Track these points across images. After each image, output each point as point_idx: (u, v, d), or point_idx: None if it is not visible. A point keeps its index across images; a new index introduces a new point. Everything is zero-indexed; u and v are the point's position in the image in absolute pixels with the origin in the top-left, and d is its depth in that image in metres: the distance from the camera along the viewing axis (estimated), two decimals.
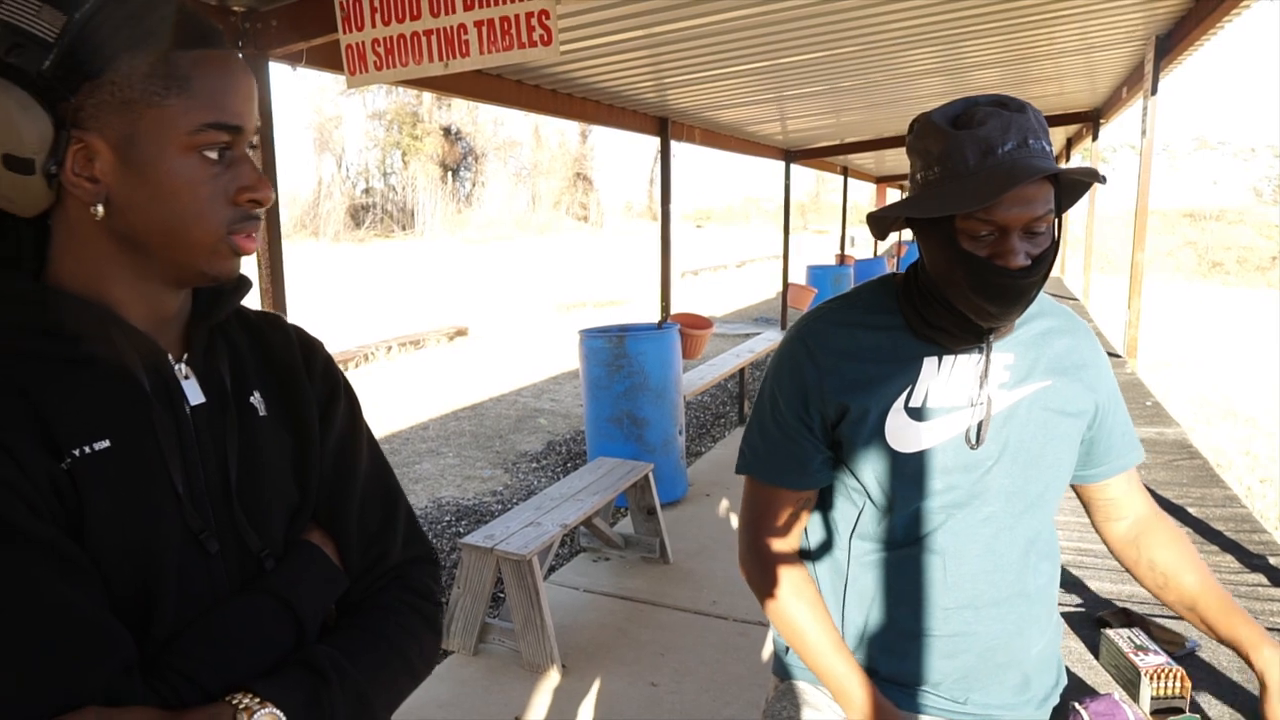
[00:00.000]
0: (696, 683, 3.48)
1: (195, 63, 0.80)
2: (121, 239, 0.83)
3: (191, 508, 0.85)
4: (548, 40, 2.46)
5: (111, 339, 0.83)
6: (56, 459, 0.77)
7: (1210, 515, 2.61)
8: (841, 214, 16.41)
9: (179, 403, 0.87)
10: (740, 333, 13.35)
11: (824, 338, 1.34)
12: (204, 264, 0.85)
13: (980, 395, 1.28)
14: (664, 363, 5.61)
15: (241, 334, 1.00)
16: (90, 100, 0.78)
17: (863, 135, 9.86)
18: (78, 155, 0.79)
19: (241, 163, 0.85)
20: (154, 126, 0.79)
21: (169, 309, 0.89)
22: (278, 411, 0.97)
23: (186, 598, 0.83)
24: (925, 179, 1.19)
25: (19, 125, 0.76)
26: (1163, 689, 1.52)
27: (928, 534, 1.31)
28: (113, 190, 0.80)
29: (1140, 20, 4.88)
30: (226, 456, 0.89)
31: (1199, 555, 1.43)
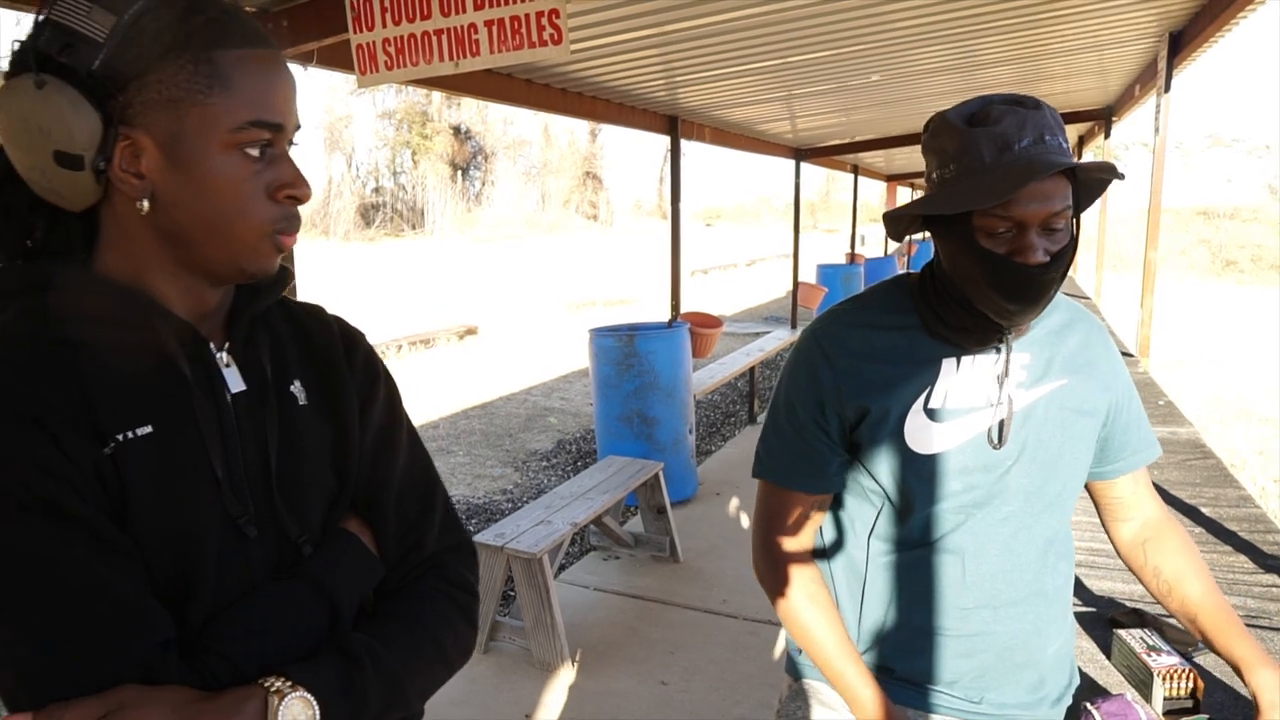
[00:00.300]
0: (706, 681, 3.48)
1: (238, 62, 0.82)
2: (165, 233, 0.85)
3: (231, 493, 0.86)
4: (558, 39, 2.46)
5: (155, 327, 0.85)
6: (100, 444, 0.79)
7: (1224, 516, 2.59)
8: (852, 213, 16.37)
9: (220, 390, 0.89)
10: (750, 331, 13.33)
11: (839, 340, 1.33)
12: (244, 260, 0.87)
13: (1000, 395, 1.27)
14: (674, 361, 5.61)
15: (283, 324, 1.01)
16: (137, 98, 0.80)
17: (873, 133, 9.84)
18: (125, 152, 0.81)
19: (282, 160, 0.87)
20: (198, 124, 0.81)
21: (210, 300, 0.91)
22: (318, 401, 0.99)
23: (224, 582, 0.85)
24: (941, 177, 1.19)
25: (70, 123, 0.78)
26: (1175, 690, 1.51)
27: (946, 534, 1.30)
28: (158, 186, 0.82)
29: (1153, 17, 4.85)
30: (266, 443, 0.91)
31: (1205, 566, 1.42)
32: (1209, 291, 20.94)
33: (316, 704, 0.81)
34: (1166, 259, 23.46)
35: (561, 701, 3.37)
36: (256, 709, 0.78)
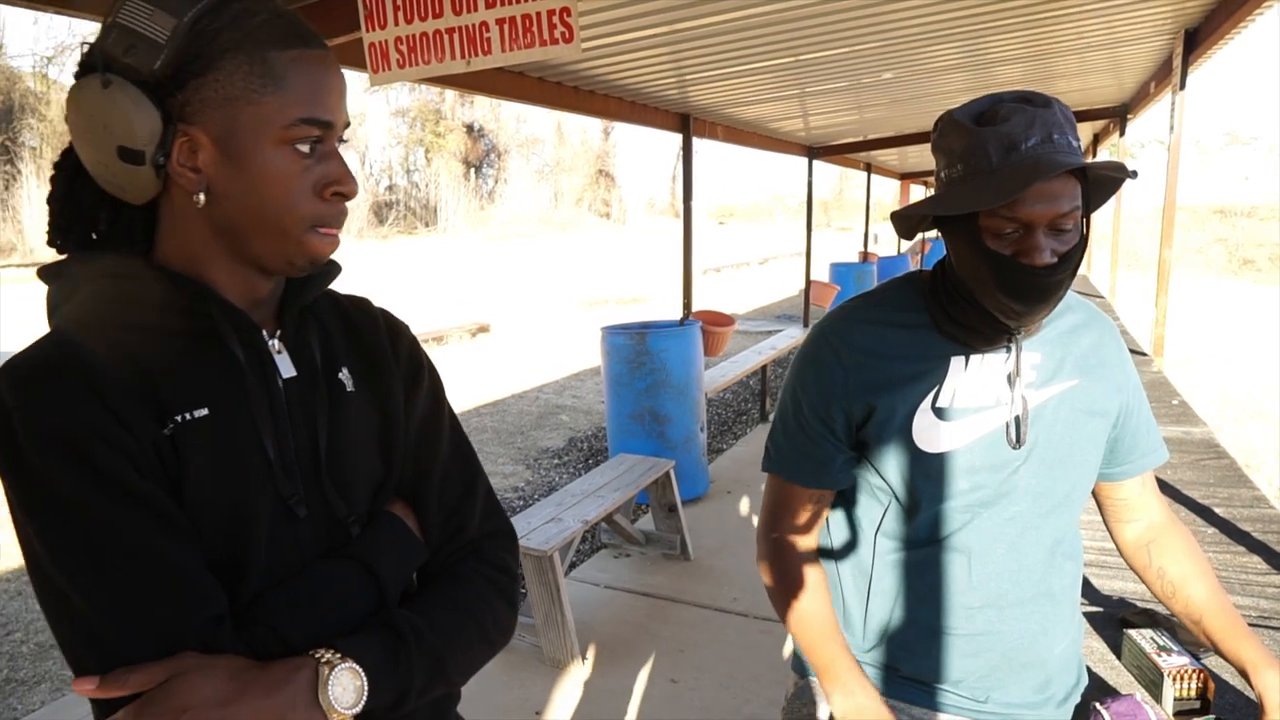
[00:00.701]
0: (716, 679, 3.49)
1: (290, 62, 0.86)
2: (219, 225, 0.89)
3: (283, 474, 0.90)
4: (569, 37, 2.46)
5: (211, 314, 0.89)
6: (160, 425, 0.84)
7: (1238, 516, 2.58)
8: (865, 211, 16.33)
9: (272, 375, 0.93)
10: (762, 330, 13.32)
11: (849, 336, 1.32)
12: (292, 252, 0.90)
13: (1012, 395, 1.26)
14: (685, 359, 5.61)
15: (331, 315, 1.05)
16: (195, 97, 0.84)
17: (886, 131, 9.81)
18: (183, 147, 0.85)
19: (331, 157, 0.90)
20: (251, 121, 0.85)
21: (262, 290, 0.95)
22: (364, 388, 1.02)
23: (275, 559, 0.89)
24: (949, 177, 1.18)
25: (132, 120, 0.83)
26: (1185, 690, 1.51)
27: (953, 533, 1.30)
28: (213, 180, 0.86)
29: (1169, 14, 4.82)
30: (316, 427, 0.95)
31: (1210, 567, 1.41)
32: (1226, 290, 20.79)
33: (364, 675, 0.85)
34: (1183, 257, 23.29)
35: (572, 699, 3.38)
36: (308, 678, 0.82)
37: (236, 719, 0.77)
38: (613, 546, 4.90)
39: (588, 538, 5.05)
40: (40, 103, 31.10)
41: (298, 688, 0.81)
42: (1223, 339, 12.86)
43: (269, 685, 0.80)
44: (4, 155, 28.44)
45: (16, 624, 4.27)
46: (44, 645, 4.05)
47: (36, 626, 4.22)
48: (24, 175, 27.92)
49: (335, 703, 0.82)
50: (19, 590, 4.65)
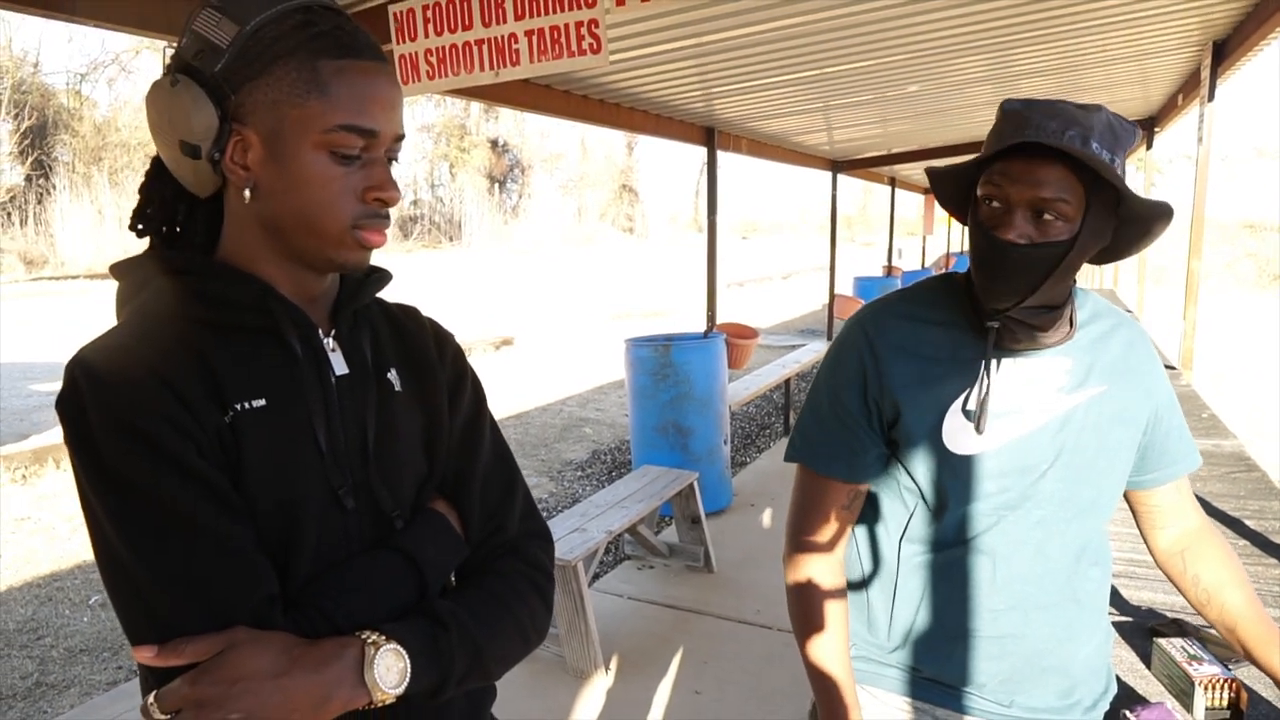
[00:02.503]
0: (739, 692, 3.47)
1: (337, 71, 0.90)
2: (267, 223, 0.94)
3: (334, 466, 0.95)
4: (597, 49, 2.49)
5: (270, 310, 0.94)
6: (222, 412, 0.89)
7: (1270, 529, 2.55)
8: (889, 225, 16.28)
9: (326, 371, 0.98)
10: (786, 344, 13.29)
11: (885, 330, 1.33)
12: (331, 252, 0.94)
13: (980, 376, 1.27)
14: (709, 372, 5.61)
15: (382, 321, 1.10)
16: (249, 99, 0.90)
17: (911, 145, 9.80)
18: (236, 146, 0.91)
19: (375, 165, 0.94)
20: (295, 124, 0.89)
21: (316, 289, 1.00)
22: (411, 390, 1.07)
23: (323, 547, 0.94)
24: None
25: (191, 116, 0.89)
26: (1217, 700, 1.49)
27: (978, 535, 1.29)
28: (259, 178, 0.92)
29: (1196, 25, 4.79)
30: (365, 423, 0.99)
31: (1246, 575, 1.40)
32: (1256, 305, 20.53)
33: (407, 658, 0.89)
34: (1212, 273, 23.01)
35: (595, 708, 3.37)
36: (355, 656, 0.87)
37: (286, 690, 0.81)
38: (636, 558, 4.89)
39: (611, 549, 5.05)
40: (73, 119, 31.63)
41: (345, 665, 0.86)
42: (1254, 353, 12.69)
43: (318, 660, 0.84)
44: (38, 170, 28.93)
45: (47, 629, 4.32)
46: (73, 650, 4.09)
47: (66, 632, 4.28)
48: (57, 190, 28.37)
49: (380, 681, 0.86)
50: (49, 596, 4.71)
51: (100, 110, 33.85)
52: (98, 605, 4.59)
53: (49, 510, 6.16)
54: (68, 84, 33.93)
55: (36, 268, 25.87)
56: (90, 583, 4.89)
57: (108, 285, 1.08)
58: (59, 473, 7.09)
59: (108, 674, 3.88)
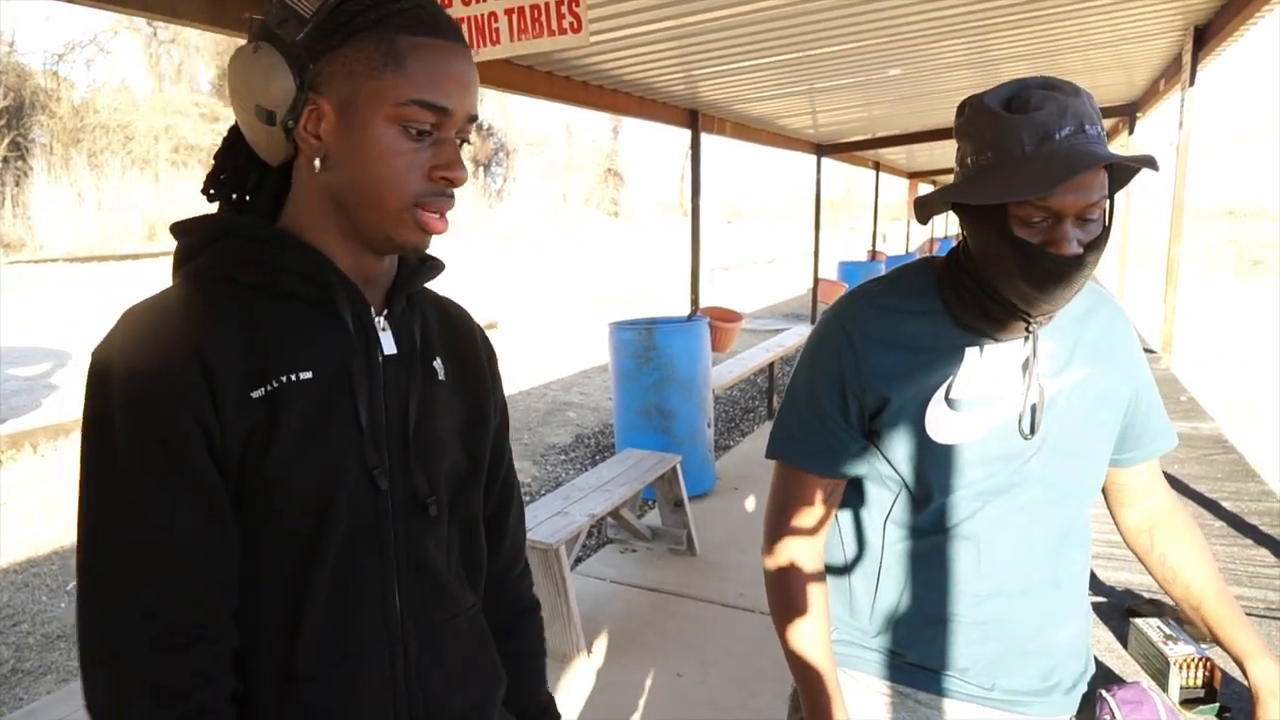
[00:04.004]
0: (722, 674, 3.49)
1: (415, 47, 0.90)
2: (332, 195, 0.94)
3: (372, 445, 0.95)
4: (577, 27, 2.46)
5: (328, 284, 0.95)
6: (258, 384, 0.89)
7: (1245, 510, 2.57)
8: (873, 210, 16.29)
9: (374, 349, 0.98)
10: (770, 328, 13.30)
11: (863, 323, 1.30)
12: (391, 229, 0.94)
13: (1028, 384, 1.25)
14: (693, 355, 5.61)
15: (432, 309, 1.12)
16: (327, 69, 0.90)
17: (894, 129, 9.79)
18: (310, 115, 0.92)
19: (444, 144, 0.94)
20: (368, 96, 0.90)
21: (373, 270, 1.01)
22: (454, 380, 1.08)
23: (355, 525, 0.95)
24: (977, 164, 1.16)
25: (269, 82, 0.91)
26: (1191, 679, 1.51)
27: (962, 521, 1.29)
28: (330, 148, 0.92)
29: (1177, 10, 4.80)
30: (408, 404, 1.00)
31: (1211, 554, 1.40)
32: (1235, 291, 20.69)
33: None
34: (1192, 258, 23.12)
35: (577, 692, 3.38)
36: None
37: None
38: (619, 542, 4.90)
39: (594, 532, 5.05)
40: (50, 100, 31.20)
41: None
42: (1233, 339, 12.80)
43: None
44: (15, 152, 28.55)
45: (23, 615, 4.29)
46: (50, 636, 4.07)
47: (44, 618, 4.25)
48: (34, 172, 28.01)
49: None
50: (25, 582, 4.67)
51: (78, 91, 33.41)
52: (74, 591, 4.56)
53: (25, 495, 6.11)
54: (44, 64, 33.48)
55: (14, 251, 25.55)
56: (67, 568, 4.85)
57: (87, 269, 1.08)
58: (35, 457, 7.03)
59: None
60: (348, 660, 0.95)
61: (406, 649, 0.99)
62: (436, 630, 1.03)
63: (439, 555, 1.04)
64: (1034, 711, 1.35)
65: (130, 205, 28.31)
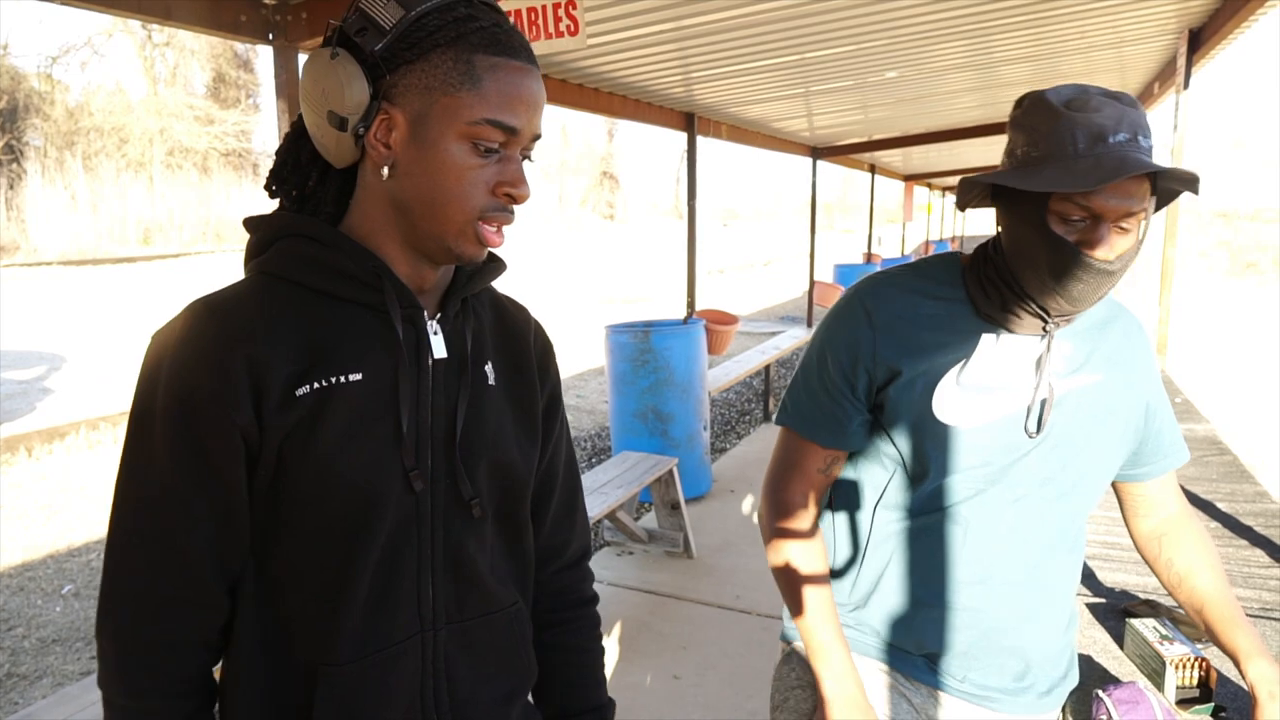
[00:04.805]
0: (719, 676, 3.49)
1: (491, 68, 0.92)
2: (397, 203, 0.96)
3: (410, 448, 0.97)
4: (574, 30, 2.47)
5: (383, 287, 0.97)
6: (308, 379, 0.93)
7: (1240, 511, 2.58)
8: (869, 213, 16.31)
9: (425, 354, 1.01)
10: (766, 331, 13.31)
11: (883, 300, 1.33)
12: (451, 241, 0.96)
13: (1038, 380, 1.26)
14: (689, 358, 5.61)
15: (488, 311, 1.13)
16: (403, 81, 0.92)
17: (891, 132, 9.81)
18: (381, 124, 0.94)
19: (510, 162, 0.96)
20: (443, 111, 0.92)
21: (429, 279, 1.03)
22: (504, 384, 1.10)
23: (395, 522, 0.98)
24: (1028, 155, 1.17)
25: (344, 89, 0.92)
26: (1187, 679, 1.51)
27: (954, 505, 1.30)
28: (399, 158, 0.94)
29: (1172, 13, 4.81)
30: (456, 408, 1.02)
31: (1219, 560, 1.41)
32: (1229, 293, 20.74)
33: None
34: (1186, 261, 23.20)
35: None
36: None
37: None
38: (616, 544, 4.90)
39: (591, 535, 5.04)
40: (45, 102, 31.14)
41: None
42: (1228, 340, 12.83)
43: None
44: (9, 155, 28.49)
45: (19, 619, 4.27)
46: (45, 640, 4.06)
47: (39, 622, 4.23)
48: (29, 175, 27.95)
49: None
50: (20, 586, 4.66)
51: (73, 94, 33.35)
52: (70, 595, 4.55)
53: (20, 499, 6.10)
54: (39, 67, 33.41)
55: (8, 254, 25.48)
56: (63, 572, 4.84)
57: (82, 272, 1.08)
58: (30, 461, 7.02)
59: (81, 664, 3.85)
60: (382, 651, 0.98)
61: (436, 638, 1.02)
62: (469, 624, 1.05)
63: (479, 554, 1.06)
64: (1004, 709, 1.36)
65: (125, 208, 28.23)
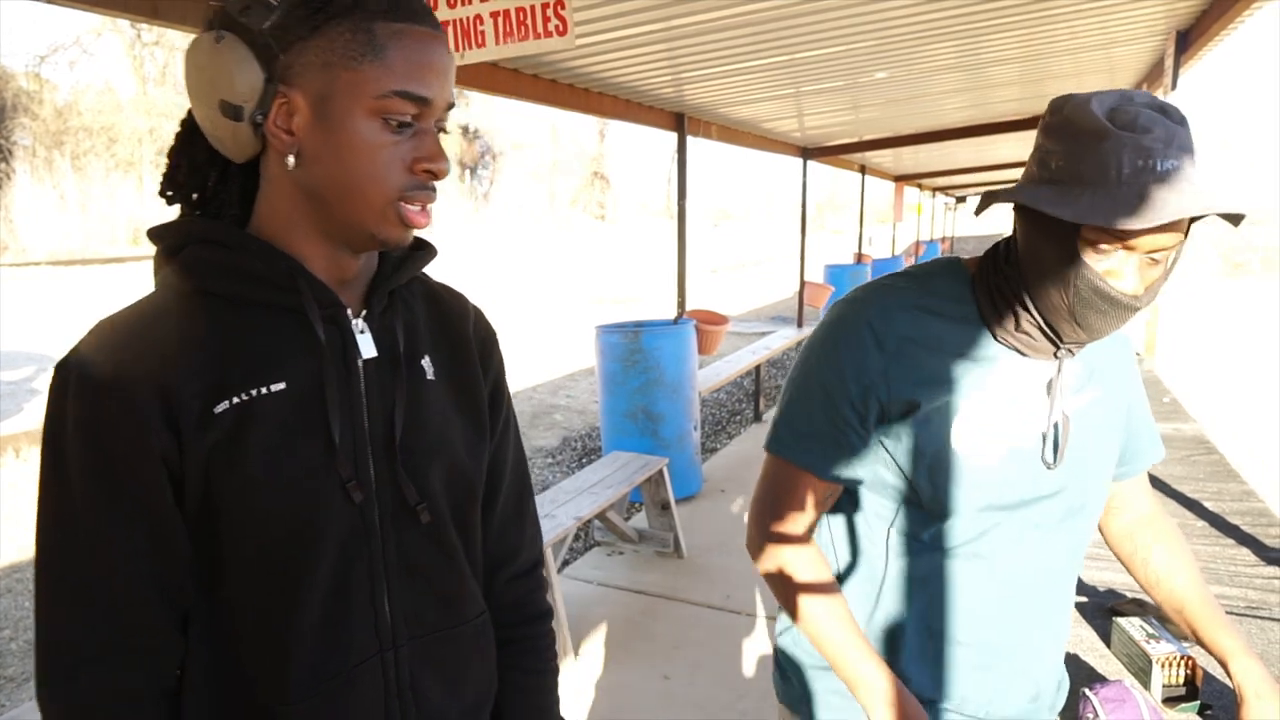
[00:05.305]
0: (709, 676, 3.49)
1: (394, 35, 0.85)
2: (308, 193, 0.89)
3: (344, 457, 0.91)
4: (563, 30, 2.47)
5: (299, 289, 0.90)
6: (225, 395, 0.86)
7: (1227, 510, 2.59)
8: (859, 213, 16.34)
9: (352, 355, 0.94)
10: (756, 331, 13.32)
11: (892, 321, 1.20)
12: (373, 226, 0.89)
13: (1052, 407, 1.19)
14: (679, 358, 5.62)
15: (422, 302, 1.06)
16: (299, 60, 0.85)
17: (881, 132, 9.81)
18: (281, 109, 0.86)
19: (426, 135, 0.89)
20: (346, 87, 0.85)
21: (350, 269, 0.96)
22: (445, 378, 1.03)
23: (339, 538, 0.91)
24: (1064, 172, 1.05)
25: (235, 75, 0.84)
26: (1173, 677, 1.52)
27: (975, 538, 1.22)
28: (304, 144, 0.87)
29: (1161, 14, 4.83)
30: (393, 410, 0.95)
31: (1194, 558, 1.40)
32: (1218, 293, 20.84)
33: None
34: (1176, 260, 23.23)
35: (565, 695, 3.36)
36: None
37: None
38: (606, 544, 4.90)
39: (581, 535, 5.05)
40: (33, 102, 30.99)
41: None
42: (1216, 340, 12.89)
43: None
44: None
45: (5, 621, 4.25)
46: (33, 642, 4.03)
47: (27, 624, 4.21)
48: (17, 175, 27.78)
49: None
50: (8, 588, 4.63)
51: (61, 94, 33.19)
52: None
53: (8, 500, 6.06)
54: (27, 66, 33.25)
55: None
56: None
57: (71, 272, 1.05)
58: (18, 462, 6.98)
59: None
60: (339, 676, 0.92)
61: (398, 656, 0.96)
62: (433, 637, 1.00)
63: (437, 563, 1.00)
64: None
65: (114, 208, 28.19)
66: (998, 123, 8.81)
